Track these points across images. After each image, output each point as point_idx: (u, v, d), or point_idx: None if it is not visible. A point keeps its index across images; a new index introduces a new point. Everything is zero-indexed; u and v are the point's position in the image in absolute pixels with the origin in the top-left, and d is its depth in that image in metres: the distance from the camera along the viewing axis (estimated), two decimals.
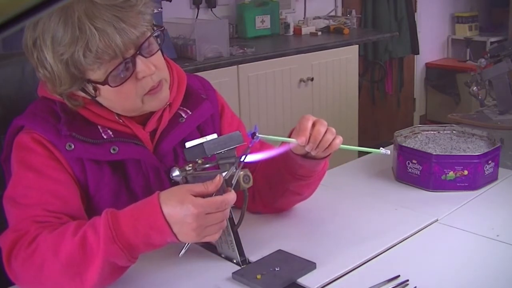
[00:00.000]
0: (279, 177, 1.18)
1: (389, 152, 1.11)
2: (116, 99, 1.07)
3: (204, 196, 0.94)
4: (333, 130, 1.07)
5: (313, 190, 1.24)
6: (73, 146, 1.06)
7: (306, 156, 1.11)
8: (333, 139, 1.07)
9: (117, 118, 1.11)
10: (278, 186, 1.20)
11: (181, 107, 1.19)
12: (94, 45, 0.97)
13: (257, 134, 0.99)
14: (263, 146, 1.26)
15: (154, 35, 1.07)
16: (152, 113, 1.14)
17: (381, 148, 1.10)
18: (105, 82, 1.02)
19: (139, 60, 1.04)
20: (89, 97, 1.07)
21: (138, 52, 1.03)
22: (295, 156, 1.12)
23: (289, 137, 1.09)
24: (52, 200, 1.03)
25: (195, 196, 0.93)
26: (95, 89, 1.05)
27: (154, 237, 0.94)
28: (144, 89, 1.06)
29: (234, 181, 0.99)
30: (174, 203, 0.92)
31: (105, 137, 1.09)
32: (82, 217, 1.06)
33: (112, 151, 1.08)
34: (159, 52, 1.09)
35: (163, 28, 1.09)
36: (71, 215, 1.04)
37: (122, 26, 0.99)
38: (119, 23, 0.98)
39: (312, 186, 1.22)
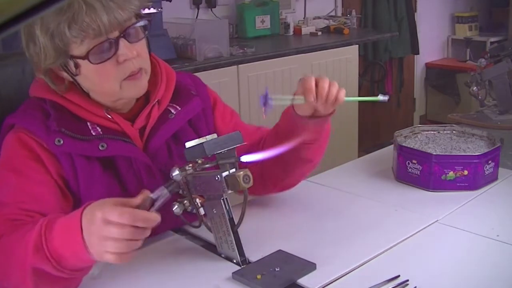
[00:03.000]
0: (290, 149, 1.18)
1: (387, 98, 1.13)
2: (96, 78, 1.08)
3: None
4: (336, 83, 1.12)
5: (322, 153, 1.26)
6: (62, 141, 1.07)
7: (312, 116, 1.14)
8: (338, 92, 1.11)
9: (105, 114, 1.12)
10: (290, 159, 1.20)
11: (171, 104, 1.20)
12: (80, 18, 1.00)
13: (269, 101, 1.02)
14: (259, 129, 1.27)
15: (141, 25, 1.09)
16: (140, 110, 1.15)
17: (379, 95, 1.14)
18: (85, 57, 1.04)
19: (122, 42, 1.06)
20: (70, 78, 1.08)
21: (122, 35, 1.06)
22: (301, 119, 1.15)
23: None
24: (27, 199, 1.04)
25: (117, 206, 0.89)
26: (76, 66, 1.06)
27: (73, 245, 0.90)
28: (125, 73, 1.08)
29: (158, 203, 0.97)
30: (92, 209, 0.89)
31: (93, 133, 1.10)
32: None
33: (100, 147, 1.09)
34: (144, 42, 1.11)
35: (150, 18, 1.11)
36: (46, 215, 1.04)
37: (110, 5, 1.02)
38: (107, 2, 1.02)
39: (322, 148, 1.24)
